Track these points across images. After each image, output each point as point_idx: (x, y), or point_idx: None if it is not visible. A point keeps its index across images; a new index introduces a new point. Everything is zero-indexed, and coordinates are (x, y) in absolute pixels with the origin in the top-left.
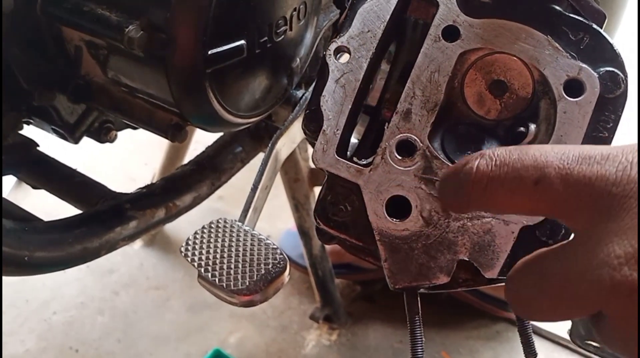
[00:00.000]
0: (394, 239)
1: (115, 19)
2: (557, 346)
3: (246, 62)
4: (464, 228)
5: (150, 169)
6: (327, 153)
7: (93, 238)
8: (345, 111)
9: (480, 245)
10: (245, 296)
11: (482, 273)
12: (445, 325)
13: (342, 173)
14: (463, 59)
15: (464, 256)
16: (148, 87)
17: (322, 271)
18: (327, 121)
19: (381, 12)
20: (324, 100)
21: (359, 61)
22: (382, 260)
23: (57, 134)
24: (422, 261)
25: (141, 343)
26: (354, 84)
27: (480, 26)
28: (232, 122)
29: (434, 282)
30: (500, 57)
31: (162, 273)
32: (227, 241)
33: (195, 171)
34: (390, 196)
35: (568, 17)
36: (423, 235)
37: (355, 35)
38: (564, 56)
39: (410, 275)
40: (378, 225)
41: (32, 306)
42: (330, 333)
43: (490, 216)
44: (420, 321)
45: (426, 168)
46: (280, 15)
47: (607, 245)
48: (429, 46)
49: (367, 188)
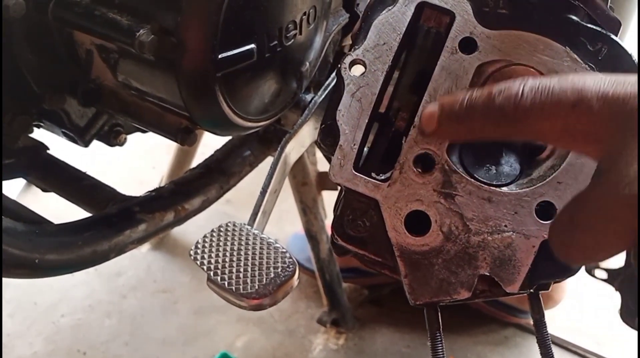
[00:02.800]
0: (413, 255)
1: (126, 23)
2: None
3: (256, 66)
4: (484, 242)
5: (158, 173)
6: (345, 168)
7: (103, 241)
8: (362, 125)
9: (501, 260)
10: (254, 300)
11: (502, 287)
12: (454, 330)
13: (360, 188)
14: (480, 71)
15: (484, 271)
16: (158, 91)
17: (329, 275)
18: (343, 135)
19: (397, 24)
20: (340, 114)
21: (375, 74)
22: (402, 275)
23: (67, 137)
24: (442, 276)
25: (148, 346)
26: (370, 97)
27: (498, 38)
28: (242, 126)
29: (455, 298)
30: (518, 69)
31: (170, 277)
32: (236, 244)
33: (204, 175)
34: (409, 211)
35: (585, 27)
36: (443, 250)
37: (371, 48)
38: (582, 67)
39: (431, 291)
40: (397, 240)
41: (40, 309)
42: (337, 337)
43: (511, 230)
44: (441, 336)
45: (445, 182)
46: (290, 20)
47: (637, 162)
48: (445, 58)
49: (385, 203)
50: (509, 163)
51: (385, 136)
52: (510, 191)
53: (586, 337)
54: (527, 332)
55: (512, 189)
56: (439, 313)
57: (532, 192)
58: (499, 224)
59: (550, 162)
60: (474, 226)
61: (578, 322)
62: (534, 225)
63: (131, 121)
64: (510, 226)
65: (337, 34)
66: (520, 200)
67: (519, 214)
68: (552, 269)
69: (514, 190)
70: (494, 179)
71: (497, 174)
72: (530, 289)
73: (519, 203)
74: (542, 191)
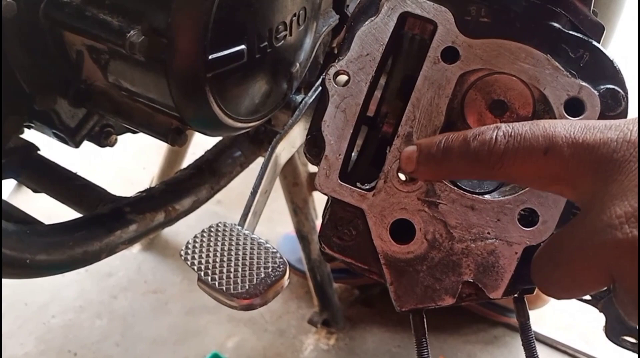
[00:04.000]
0: (399, 262)
1: (117, 24)
2: (554, 351)
3: (246, 67)
4: (467, 249)
5: (149, 174)
6: (330, 178)
7: (94, 241)
8: (347, 135)
9: (484, 266)
10: (244, 300)
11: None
12: (444, 330)
13: (346, 197)
14: (463, 79)
15: (468, 278)
16: (149, 92)
17: (320, 276)
18: (329, 146)
19: (379, 35)
20: (325, 125)
21: (359, 84)
22: (388, 283)
23: (58, 138)
24: (427, 283)
25: (139, 346)
26: (354, 108)
27: (480, 46)
28: (232, 126)
29: (439, 304)
30: (500, 78)
31: (160, 277)
32: (226, 245)
33: (194, 175)
34: (394, 220)
35: (567, 34)
36: (428, 257)
37: (354, 59)
38: (564, 75)
39: (416, 297)
40: (383, 248)
41: (31, 309)
42: (328, 337)
43: (494, 237)
44: (427, 342)
45: (429, 191)
46: (280, 21)
47: (609, 208)
48: (428, 68)
49: (371, 212)
50: None
51: (374, 141)
52: (493, 199)
53: (575, 335)
54: (516, 331)
55: (495, 197)
56: (424, 319)
57: (515, 199)
58: (482, 231)
59: None
60: (457, 233)
61: (567, 321)
62: (517, 232)
63: (122, 122)
64: (493, 234)
65: (327, 35)
66: (502, 208)
67: (502, 222)
68: None
69: (497, 198)
70: (477, 187)
71: (480, 182)
72: (513, 294)
73: (502, 210)
74: (524, 198)
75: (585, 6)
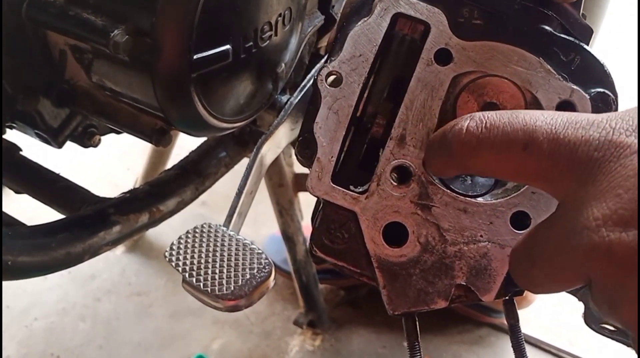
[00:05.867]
0: (391, 266)
1: (101, 24)
2: (540, 351)
3: (231, 67)
4: (460, 252)
5: (132, 175)
6: (323, 180)
7: (76, 242)
8: (339, 137)
9: (477, 269)
10: (230, 301)
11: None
12: (429, 330)
13: (339, 200)
14: (455, 81)
15: (461, 281)
16: (133, 92)
17: (306, 277)
18: (321, 148)
19: (373, 36)
20: (317, 127)
21: (352, 86)
22: (381, 286)
23: (41, 138)
24: (420, 286)
25: (123, 350)
26: (347, 110)
27: (473, 49)
28: (217, 126)
29: (432, 307)
30: (492, 80)
31: (145, 280)
32: (211, 246)
33: (179, 176)
34: (387, 223)
35: (559, 37)
36: (421, 260)
37: (347, 60)
38: (555, 78)
39: (408, 301)
40: (376, 252)
41: (12, 313)
42: (314, 338)
43: (486, 240)
44: (419, 346)
45: (422, 194)
46: (266, 21)
47: (587, 209)
48: (421, 69)
49: (363, 215)
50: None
51: (361, 142)
52: (486, 202)
53: (559, 336)
54: (501, 331)
55: (487, 200)
56: (417, 322)
57: (507, 202)
58: (475, 234)
59: None
60: (450, 236)
61: (551, 321)
62: (509, 235)
63: (105, 122)
64: (486, 236)
65: (313, 36)
66: (495, 210)
67: (494, 225)
68: None
69: (489, 201)
70: (470, 190)
71: (473, 185)
72: (505, 297)
73: (494, 213)
74: (516, 201)
75: (575, 9)
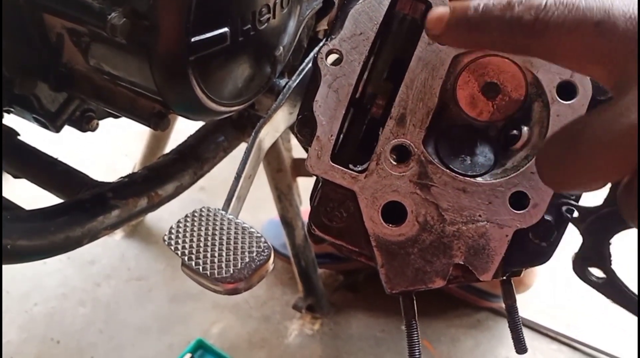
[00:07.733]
0: (390, 244)
1: (98, 6)
2: (537, 334)
3: (229, 50)
4: (459, 232)
5: (131, 161)
6: (322, 159)
7: (75, 226)
8: (339, 116)
9: (475, 249)
10: (229, 284)
11: (476, 275)
12: (427, 314)
13: (338, 179)
14: (456, 61)
15: (459, 260)
16: (131, 75)
17: (304, 261)
18: (320, 126)
19: (373, 14)
20: (317, 105)
21: (352, 64)
22: (379, 265)
23: (38, 122)
24: (418, 265)
25: (123, 334)
26: (347, 88)
27: None
28: (215, 110)
29: (430, 286)
30: (493, 60)
31: (144, 264)
32: (210, 229)
33: (177, 160)
34: (386, 202)
35: None
36: (419, 240)
37: (347, 38)
38: None
39: (407, 280)
40: (374, 230)
41: (12, 298)
42: (313, 322)
43: (485, 220)
44: (417, 324)
45: (421, 173)
46: (264, 3)
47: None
48: (422, 49)
49: (362, 194)
50: (484, 154)
51: (361, 123)
52: (485, 182)
53: (557, 319)
54: (499, 315)
55: (487, 180)
56: (414, 301)
57: (506, 182)
58: (474, 214)
59: (524, 152)
60: (449, 216)
61: (549, 305)
62: (508, 215)
63: (103, 106)
64: (485, 216)
65: (311, 19)
66: (494, 190)
67: (493, 204)
68: (525, 257)
69: (488, 180)
70: (469, 170)
71: (472, 165)
72: (502, 277)
73: (493, 193)
74: (515, 181)
75: None
